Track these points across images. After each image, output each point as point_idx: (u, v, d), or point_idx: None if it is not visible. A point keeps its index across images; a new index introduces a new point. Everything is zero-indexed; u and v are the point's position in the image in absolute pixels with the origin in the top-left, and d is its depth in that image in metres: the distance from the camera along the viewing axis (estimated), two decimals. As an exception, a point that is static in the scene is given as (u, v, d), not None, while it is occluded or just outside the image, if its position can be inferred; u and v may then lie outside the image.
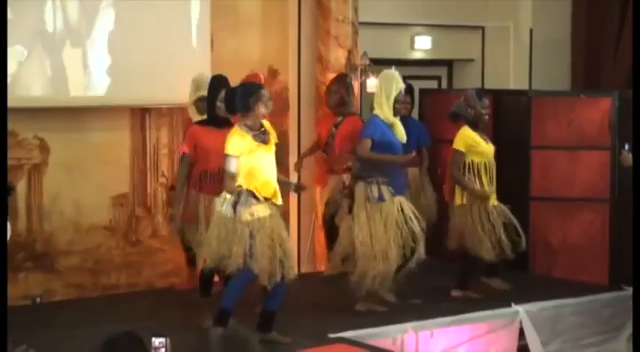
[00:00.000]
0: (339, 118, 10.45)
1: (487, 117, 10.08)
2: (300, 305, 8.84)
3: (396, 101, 9.35)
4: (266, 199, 8.06)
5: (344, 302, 9.66)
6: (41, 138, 9.87)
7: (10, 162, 9.55)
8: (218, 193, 8.39)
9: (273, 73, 11.14)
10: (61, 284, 9.11)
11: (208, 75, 9.05)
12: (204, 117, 8.95)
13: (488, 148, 10.01)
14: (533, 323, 9.81)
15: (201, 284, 9.01)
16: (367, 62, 11.87)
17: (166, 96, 9.49)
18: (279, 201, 8.21)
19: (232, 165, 8.02)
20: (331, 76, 11.44)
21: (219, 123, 8.76)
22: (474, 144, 9.93)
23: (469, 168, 9.96)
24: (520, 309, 9.77)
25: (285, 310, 8.35)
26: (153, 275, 8.97)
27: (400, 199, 9.43)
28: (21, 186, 9.66)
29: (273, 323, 8.34)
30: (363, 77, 11.84)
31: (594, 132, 10.77)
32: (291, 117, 11.36)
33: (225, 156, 8.06)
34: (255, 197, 8.01)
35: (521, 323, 9.76)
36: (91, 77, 9.12)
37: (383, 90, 9.34)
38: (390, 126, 9.36)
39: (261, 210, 8.02)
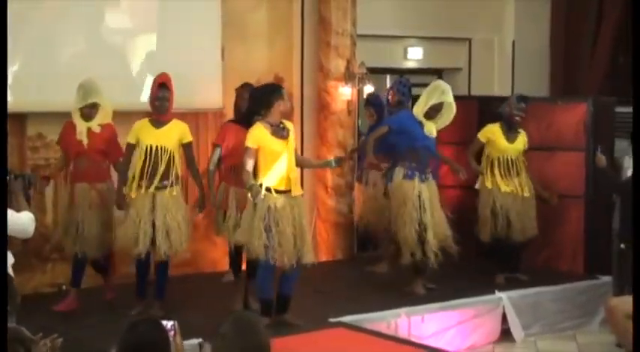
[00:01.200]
0: None
1: (518, 119, 10.19)
2: (301, 292, 8.79)
3: (431, 108, 9.63)
4: (282, 192, 8.09)
5: (341, 289, 9.78)
6: None
7: (38, 161, 9.73)
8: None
9: (278, 81, 10.97)
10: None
11: (94, 81, 8.85)
12: (94, 122, 8.81)
13: (509, 146, 10.20)
14: (515, 308, 9.89)
15: (233, 266, 9.19)
16: (364, 71, 11.82)
17: (185, 101, 9.45)
18: (299, 191, 8.29)
19: (249, 156, 8.06)
20: (332, 83, 11.57)
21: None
22: (492, 139, 10.19)
23: (486, 159, 10.27)
24: (503, 296, 9.86)
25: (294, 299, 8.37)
26: (173, 264, 8.97)
27: (422, 186, 9.56)
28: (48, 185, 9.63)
29: (288, 306, 8.41)
30: (361, 84, 11.75)
31: (571, 135, 10.81)
32: (294, 121, 11.37)
33: (244, 148, 8.12)
34: (270, 190, 8.03)
35: (504, 308, 9.84)
36: (119, 84, 9.16)
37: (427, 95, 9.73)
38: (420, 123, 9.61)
39: (278, 203, 8.03)
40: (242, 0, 11.22)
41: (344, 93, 11.51)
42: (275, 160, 8.12)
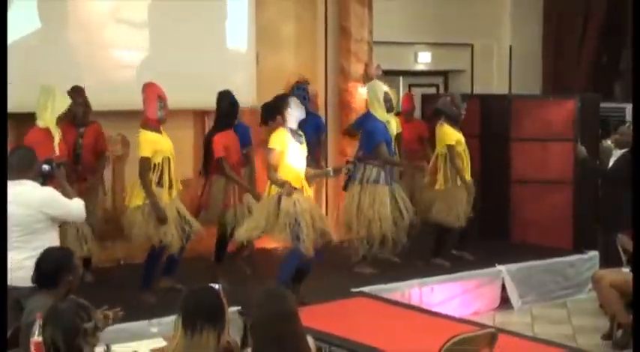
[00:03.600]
0: (82, 129, 8.88)
1: (462, 117, 9.86)
2: (324, 267, 8.82)
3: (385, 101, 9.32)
4: (297, 188, 8.00)
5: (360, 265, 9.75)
6: (123, 135, 9.86)
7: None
8: None
9: (303, 81, 11.07)
10: (139, 250, 9.11)
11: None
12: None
13: (463, 139, 9.84)
14: (512, 279, 9.90)
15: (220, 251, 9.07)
16: (380, 73, 11.87)
17: None
18: (309, 193, 8.18)
19: (272, 157, 7.98)
20: (351, 84, 11.55)
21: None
22: (456, 138, 9.79)
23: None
24: (502, 269, 9.87)
25: (314, 270, 8.32)
26: (211, 244, 9.00)
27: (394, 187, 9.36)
28: (107, 173, 9.52)
29: (304, 279, 8.25)
30: (377, 85, 11.83)
31: (561, 128, 10.73)
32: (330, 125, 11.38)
33: (268, 149, 8.08)
34: (294, 187, 7.94)
35: (503, 279, 9.85)
36: (164, 85, 9.15)
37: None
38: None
39: (300, 197, 7.95)
40: (274, 13, 11.23)
41: (362, 92, 11.49)
42: (292, 162, 8.02)
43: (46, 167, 6.30)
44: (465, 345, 5.74)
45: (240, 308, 7.50)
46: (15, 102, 7.66)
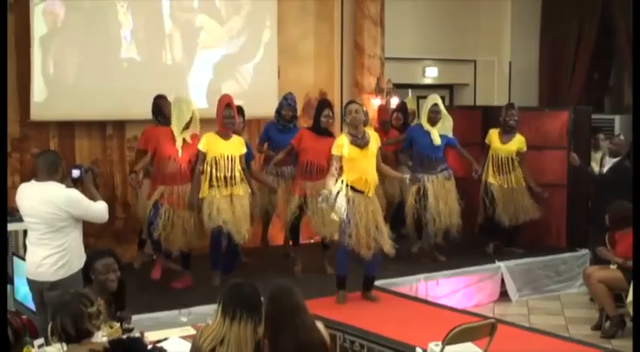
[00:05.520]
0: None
1: (512, 122, 10.03)
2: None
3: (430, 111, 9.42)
4: (360, 191, 7.72)
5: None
6: None
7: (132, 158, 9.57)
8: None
9: (322, 95, 11.01)
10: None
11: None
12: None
13: (502, 147, 10.04)
14: (511, 274, 9.87)
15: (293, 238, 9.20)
16: (391, 86, 11.88)
17: (249, 110, 9.38)
18: (370, 194, 7.79)
19: (333, 162, 7.75)
20: (365, 96, 11.49)
21: (321, 132, 8.78)
22: (488, 141, 10.15)
23: (486, 157, 10.14)
24: (502, 265, 9.84)
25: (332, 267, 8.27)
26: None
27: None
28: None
29: (372, 285, 8.17)
30: (388, 97, 11.79)
31: (556, 137, 10.66)
32: (336, 127, 11.31)
33: (331, 155, 7.83)
34: (351, 189, 7.69)
35: (502, 274, 9.81)
36: (195, 97, 9.14)
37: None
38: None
39: (356, 199, 7.68)
40: (294, 31, 11.22)
41: (375, 104, 11.49)
42: (353, 165, 7.72)
43: (75, 172, 6.29)
44: (467, 334, 5.72)
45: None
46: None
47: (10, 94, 8.67)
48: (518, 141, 10.14)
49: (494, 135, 10.15)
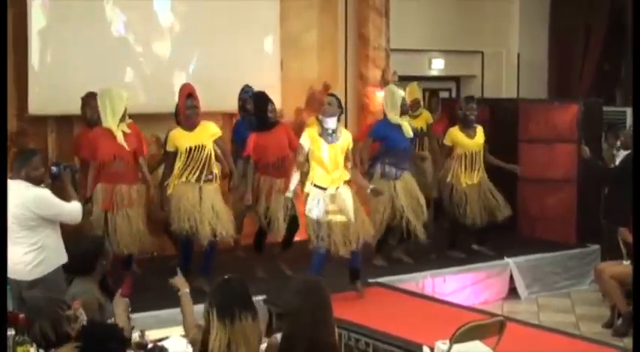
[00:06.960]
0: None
1: (472, 117, 9.70)
2: (344, 260, 8.74)
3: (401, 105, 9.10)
4: (324, 188, 7.74)
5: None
6: (157, 136, 9.75)
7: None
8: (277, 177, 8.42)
9: (326, 87, 11.00)
10: (170, 244, 9.10)
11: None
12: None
13: (471, 142, 9.69)
14: (519, 271, 9.88)
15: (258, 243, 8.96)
16: (396, 78, 11.82)
17: None
18: (333, 191, 7.74)
19: (299, 151, 7.81)
20: (370, 89, 11.49)
21: (270, 126, 8.66)
22: (456, 140, 9.70)
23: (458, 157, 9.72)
24: (510, 261, 9.85)
25: (336, 262, 8.21)
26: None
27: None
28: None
29: (358, 276, 8.14)
30: (393, 89, 11.79)
31: (565, 130, 10.66)
32: (340, 120, 11.28)
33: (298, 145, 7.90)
34: (314, 185, 7.73)
35: (511, 271, 9.83)
36: (198, 90, 9.11)
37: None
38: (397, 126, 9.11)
39: (324, 198, 7.69)
40: (297, 23, 11.21)
41: (380, 96, 11.46)
42: (319, 161, 7.76)
43: (54, 169, 6.29)
44: (475, 332, 5.72)
45: (265, 297, 7.49)
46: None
47: (8, 88, 8.64)
48: (482, 133, 9.85)
49: (456, 133, 9.73)
